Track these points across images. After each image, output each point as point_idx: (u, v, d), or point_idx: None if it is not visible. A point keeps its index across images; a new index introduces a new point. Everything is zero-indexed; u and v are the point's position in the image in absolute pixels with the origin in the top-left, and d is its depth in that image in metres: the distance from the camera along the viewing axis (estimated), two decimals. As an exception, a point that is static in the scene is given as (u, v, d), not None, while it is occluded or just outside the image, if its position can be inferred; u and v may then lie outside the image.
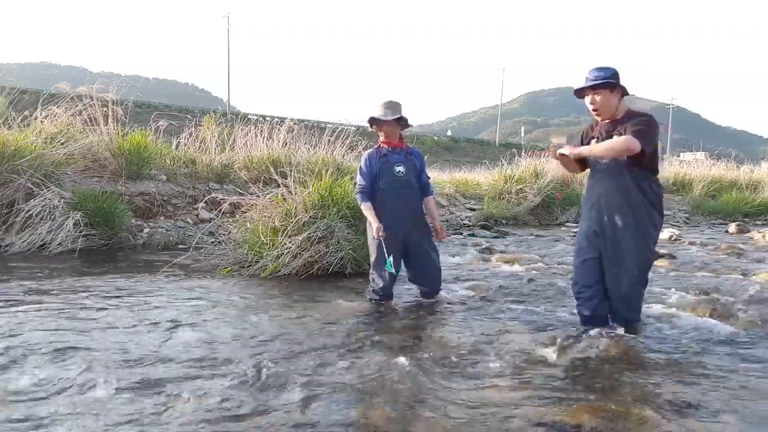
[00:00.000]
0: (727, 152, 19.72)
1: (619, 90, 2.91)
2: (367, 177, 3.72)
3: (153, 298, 3.77)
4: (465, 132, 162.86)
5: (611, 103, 2.90)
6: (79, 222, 5.73)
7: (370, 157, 3.76)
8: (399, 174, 3.73)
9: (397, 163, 3.74)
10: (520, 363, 2.62)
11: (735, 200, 12.57)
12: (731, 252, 6.58)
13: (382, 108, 3.70)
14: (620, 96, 2.93)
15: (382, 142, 3.79)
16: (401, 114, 3.70)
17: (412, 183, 3.80)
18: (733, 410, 2.14)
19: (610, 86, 2.88)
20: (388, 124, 3.69)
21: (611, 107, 2.92)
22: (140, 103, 19.98)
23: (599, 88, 2.89)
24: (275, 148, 8.21)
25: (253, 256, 4.76)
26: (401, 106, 3.74)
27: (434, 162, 21.44)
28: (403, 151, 3.81)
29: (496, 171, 11.97)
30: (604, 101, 2.90)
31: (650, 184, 2.94)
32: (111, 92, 7.32)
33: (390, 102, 3.72)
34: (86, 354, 2.61)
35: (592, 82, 2.88)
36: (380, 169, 3.72)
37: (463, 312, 3.59)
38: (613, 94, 2.90)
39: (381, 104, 3.72)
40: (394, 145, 3.78)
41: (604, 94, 2.89)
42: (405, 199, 3.76)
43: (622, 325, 3.01)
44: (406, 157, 3.79)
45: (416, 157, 3.86)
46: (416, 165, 3.84)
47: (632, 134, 2.75)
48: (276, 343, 2.88)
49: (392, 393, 2.25)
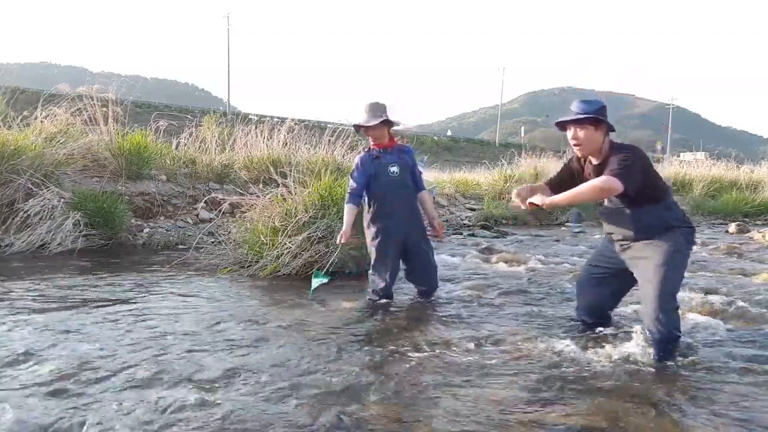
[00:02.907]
0: (727, 152, 19.72)
1: (604, 127, 2.72)
2: (358, 179, 3.70)
3: (153, 298, 3.77)
4: (465, 132, 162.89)
5: (595, 139, 2.71)
6: (79, 222, 5.72)
7: (363, 160, 3.74)
8: (393, 174, 3.72)
9: (390, 163, 3.73)
10: (520, 363, 2.62)
11: (735, 200, 12.57)
12: (731, 252, 6.58)
13: (365, 113, 3.68)
14: (605, 133, 2.74)
15: (372, 145, 3.79)
16: (385, 116, 3.66)
17: (407, 182, 3.79)
18: (733, 411, 2.13)
19: (594, 122, 2.69)
20: (374, 128, 3.68)
21: (595, 144, 2.72)
22: (140, 103, 19.99)
23: (584, 123, 2.70)
24: (275, 148, 8.21)
25: (253, 256, 4.76)
26: (385, 106, 3.72)
27: (434, 162, 21.44)
28: (395, 150, 3.79)
29: (496, 171, 11.99)
30: (587, 137, 2.70)
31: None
32: (111, 92, 7.32)
33: (372, 104, 3.69)
34: (85, 354, 2.61)
35: (576, 116, 2.70)
36: (375, 171, 3.71)
37: (462, 312, 3.59)
38: (597, 132, 2.70)
39: (364, 108, 3.71)
40: (385, 145, 3.77)
41: (588, 129, 2.70)
42: (403, 199, 3.76)
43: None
44: (398, 157, 3.77)
45: (408, 155, 3.84)
46: (408, 162, 3.83)
47: (611, 173, 2.56)
48: (275, 342, 2.88)
49: (392, 393, 2.25)
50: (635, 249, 2.77)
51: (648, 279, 2.66)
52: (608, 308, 3.16)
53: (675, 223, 2.73)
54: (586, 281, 3.09)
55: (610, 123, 2.74)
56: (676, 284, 2.71)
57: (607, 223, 2.93)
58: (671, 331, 2.62)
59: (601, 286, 3.02)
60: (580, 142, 2.73)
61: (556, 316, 3.47)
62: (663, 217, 2.73)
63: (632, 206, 2.74)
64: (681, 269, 2.72)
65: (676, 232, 2.71)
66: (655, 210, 2.73)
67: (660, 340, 2.63)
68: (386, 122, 3.68)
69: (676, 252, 2.67)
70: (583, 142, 2.73)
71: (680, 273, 2.72)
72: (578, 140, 2.73)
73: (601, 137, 2.72)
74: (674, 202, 2.82)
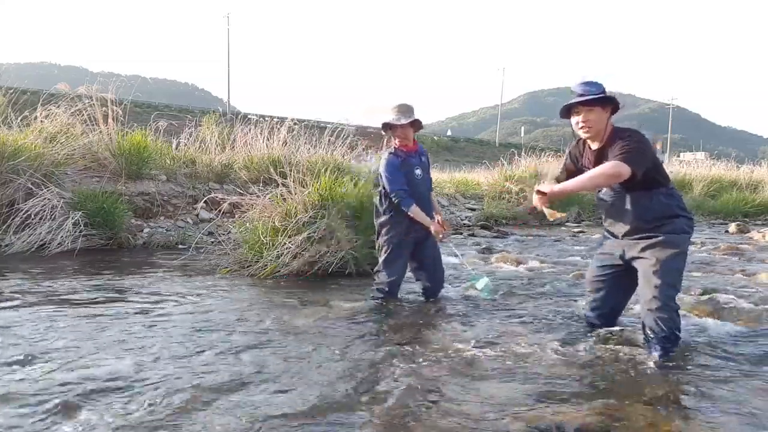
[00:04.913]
0: (727, 152, 19.73)
1: (610, 106, 2.66)
2: (402, 179, 3.65)
3: (153, 298, 3.77)
4: (465, 132, 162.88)
5: (602, 120, 2.65)
6: (79, 222, 5.72)
7: (392, 164, 3.68)
8: (418, 177, 3.74)
9: (415, 166, 3.74)
10: (521, 363, 2.62)
11: (735, 200, 12.58)
12: (731, 252, 6.58)
13: (395, 112, 3.66)
14: (611, 113, 2.69)
15: (398, 146, 3.75)
16: (415, 117, 3.68)
17: (428, 184, 3.85)
18: (733, 410, 2.13)
19: (603, 102, 2.62)
20: (404, 128, 3.67)
21: (601, 126, 2.66)
22: (140, 103, 19.97)
23: (593, 104, 2.62)
24: (275, 148, 8.21)
25: (253, 256, 4.75)
26: (414, 108, 3.71)
27: (434, 162, 21.44)
28: (417, 153, 3.82)
29: (496, 171, 11.98)
30: (597, 119, 2.64)
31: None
32: (111, 92, 7.32)
33: (402, 105, 3.69)
34: (85, 354, 2.61)
35: (586, 97, 2.60)
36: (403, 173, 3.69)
37: (463, 312, 3.59)
38: (605, 112, 2.65)
39: (393, 108, 3.68)
40: (410, 148, 3.77)
41: (597, 111, 2.63)
42: (425, 201, 3.77)
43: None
44: (420, 159, 3.81)
45: (425, 157, 3.90)
46: (427, 164, 3.88)
47: (620, 158, 2.50)
48: (275, 342, 2.88)
49: (392, 393, 2.25)
50: (637, 247, 2.71)
51: (649, 280, 2.64)
52: (621, 308, 3.11)
53: (678, 210, 2.68)
54: (595, 283, 3.01)
55: (617, 101, 2.66)
56: (677, 285, 2.69)
57: (608, 213, 2.86)
58: (672, 332, 2.63)
59: (612, 287, 2.95)
60: (591, 124, 2.65)
61: (556, 316, 3.47)
62: (666, 202, 2.67)
63: (635, 190, 2.66)
64: (681, 270, 2.70)
65: (678, 224, 2.65)
66: (658, 194, 2.66)
67: (660, 341, 2.63)
68: (415, 122, 3.70)
69: (679, 254, 2.64)
70: (594, 124, 2.65)
71: (681, 274, 2.70)
72: (589, 123, 2.65)
73: (606, 118, 2.66)
74: (675, 189, 2.77)
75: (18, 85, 7.92)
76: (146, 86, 17.41)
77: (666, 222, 2.65)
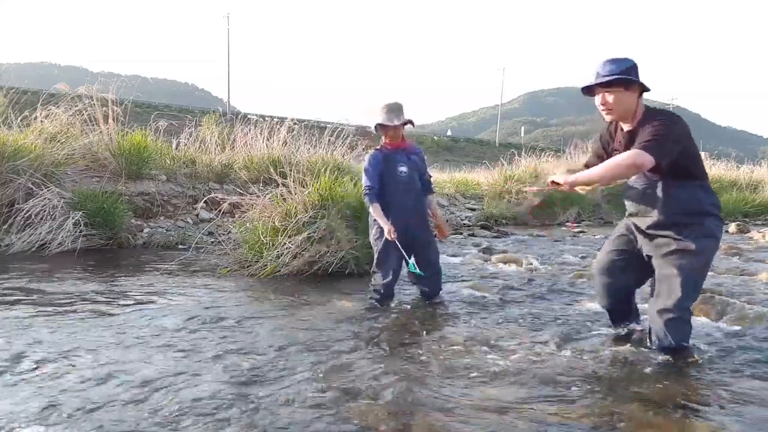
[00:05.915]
0: (727, 152, 19.71)
1: (636, 87, 2.46)
2: (374, 177, 3.71)
3: (153, 298, 3.77)
4: (465, 132, 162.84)
5: (626, 102, 2.46)
6: (79, 222, 5.72)
7: (374, 158, 3.76)
8: (402, 174, 3.74)
9: (399, 163, 3.75)
10: (520, 363, 2.62)
11: (735, 200, 12.56)
12: (731, 252, 6.58)
13: (384, 112, 3.69)
14: (638, 94, 2.48)
15: (385, 144, 3.80)
16: (405, 117, 3.72)
17: (415, 182, 3.82)
18: (733, 411, 2.13)
19: (625, 83, 2.43)
20: (395, 128, 3.71)
21: (627, 108, 2.47)
22: (140, 103, 19.96)
23: (613, 85, 2.44)
24: (275, 148, 8.20)
25: (253, 256, 4.76)
26: (403, 106, 3.74)
27: (434, 162, 21.43)
28: (405, 150, 3.82)
29: (496, 171, 11.97)
30: (617, 101, 2.45)
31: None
32: (111, 92, 7.32)
33: (391, 105, 3.71)
34: (85, 354, 2.61)
35: (604, 78, 2.43)
36: (384, 170, 3.73)
37: (462, 312, 3.59)
38: (628, 93, 2.44)
39: (382, 108, 3.71)
40: (397, 145, 3.79)
41: (618, 93, 2.44)
42: (410, 199, 3.78)
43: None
44: (408, 157, 3.81)
45: (418, 156, 3.88)
46: (417, 164, 3.86)
47: (641, 146, 2.31)
48: (275, 342, 2.88)
49: (392, 393, 2.25)
50: (660, 249, 2.54)
51: (666, 287, 2.50)
52: (631, 293, 2.94)
53: (709, 208, 2.49)
54: (608, 269, 2.82)
55: (642, 82, 2.47)
56: (694, 295, 2.55)
57: (633, 204, 2.66)
58: (679, 344, 2.53)
59: (625, 273, 2.78)
60: (610, 107, 2.48)
61: (556, 317, 3.47)
62: (698, 197, 2.49)
63: (665, 180, 2.49)
64: (702, 282, 2.56)
65: (708, 226, 2.47)
66: (690, 187, 2.49)
67: (664, 350, 2.57)
68: (406, 123, 3.74)
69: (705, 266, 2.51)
70: (613, 106, 2.47)
71: (701, 286, 2.56)
72: (607, 104, 2.47)
73: (633, 100, 2.47)
74: (709, 185, 2.58)
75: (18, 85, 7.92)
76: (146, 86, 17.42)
77: (695, 220, 2.49)
